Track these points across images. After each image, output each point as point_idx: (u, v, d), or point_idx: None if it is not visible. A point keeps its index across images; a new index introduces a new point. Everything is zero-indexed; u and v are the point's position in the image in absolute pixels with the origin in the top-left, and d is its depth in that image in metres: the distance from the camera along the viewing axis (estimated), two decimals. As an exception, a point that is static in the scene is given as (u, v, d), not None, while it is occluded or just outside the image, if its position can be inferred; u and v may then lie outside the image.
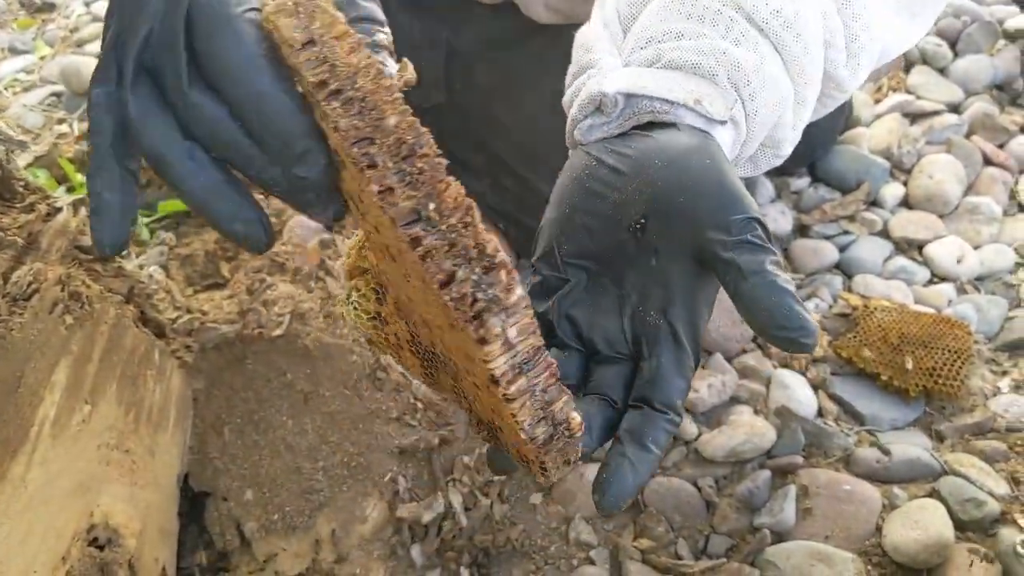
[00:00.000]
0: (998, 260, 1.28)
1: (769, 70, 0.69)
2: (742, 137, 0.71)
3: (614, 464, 0.55)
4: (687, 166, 0.63)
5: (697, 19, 0.70)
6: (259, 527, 0.93)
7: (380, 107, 0.48)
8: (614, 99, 0.68)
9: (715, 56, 0.67)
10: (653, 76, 0.68)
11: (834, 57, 0.75)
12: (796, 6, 0.70)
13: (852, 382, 1.12)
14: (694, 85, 0.67)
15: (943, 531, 0.92)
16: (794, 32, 0.70)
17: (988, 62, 1.58)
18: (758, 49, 0.69)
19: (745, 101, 0.69)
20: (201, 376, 0.99)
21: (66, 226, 0.85)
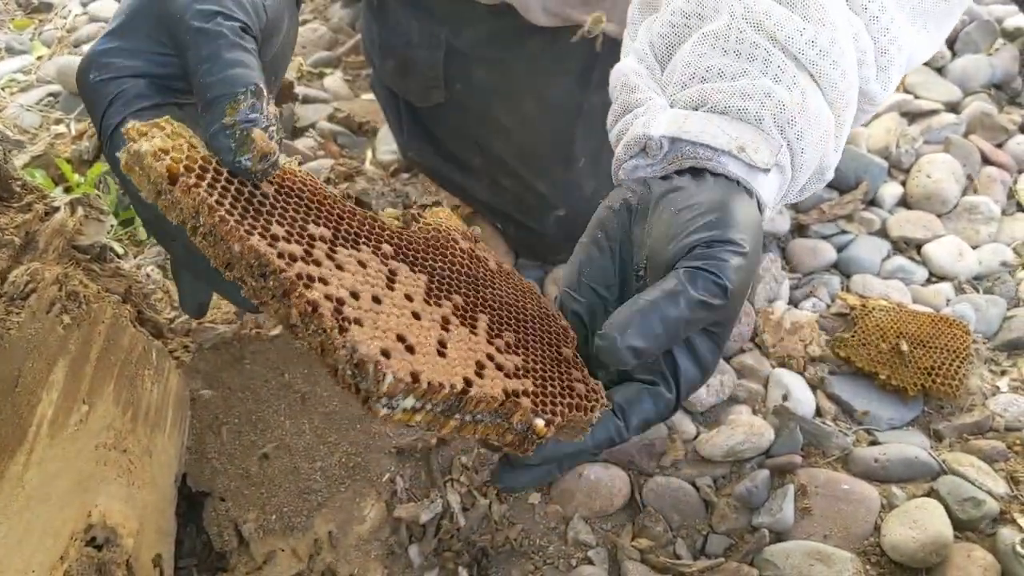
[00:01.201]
0: (996, 259, 1.28)
1: (812, 105, 0.71)
2: (788, 178, 0.72)
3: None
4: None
5: (734, 54, 0.71)
6: (257, 527, 0.93)
7: (224, 238, 0.54)
8: (659, 143, 0.70)
9: (759, 99, 0.69)
10: (698, 121, 0.70)
11: (866, 74, 0.76)
12: (830, 33, 0.71)
13: (850, 381, 1.12)
14: (739, 132, 0.69)
15: (942, 530, 0.92)
16: (830, 59, 0.71)
17: (986, 61, 1.58)
18: (797, 82, 0.70)
19: (792, 142, 0.70)
20: (199, 376, 0.99)
21: (63, 226, 0.85)
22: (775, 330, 1.17)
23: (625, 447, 1.03)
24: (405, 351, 0.53)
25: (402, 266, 0.61)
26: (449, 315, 0.60)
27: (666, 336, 0.60)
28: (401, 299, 0.58)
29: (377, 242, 0.62)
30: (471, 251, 0.68)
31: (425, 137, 1.33)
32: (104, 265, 0.90)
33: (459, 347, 0.58)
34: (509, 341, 0.62)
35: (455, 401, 0.54)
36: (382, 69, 1.32)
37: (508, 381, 0.58)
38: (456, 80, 1.23)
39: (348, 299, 0.54)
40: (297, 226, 0.57)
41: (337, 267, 0.56)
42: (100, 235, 0.89)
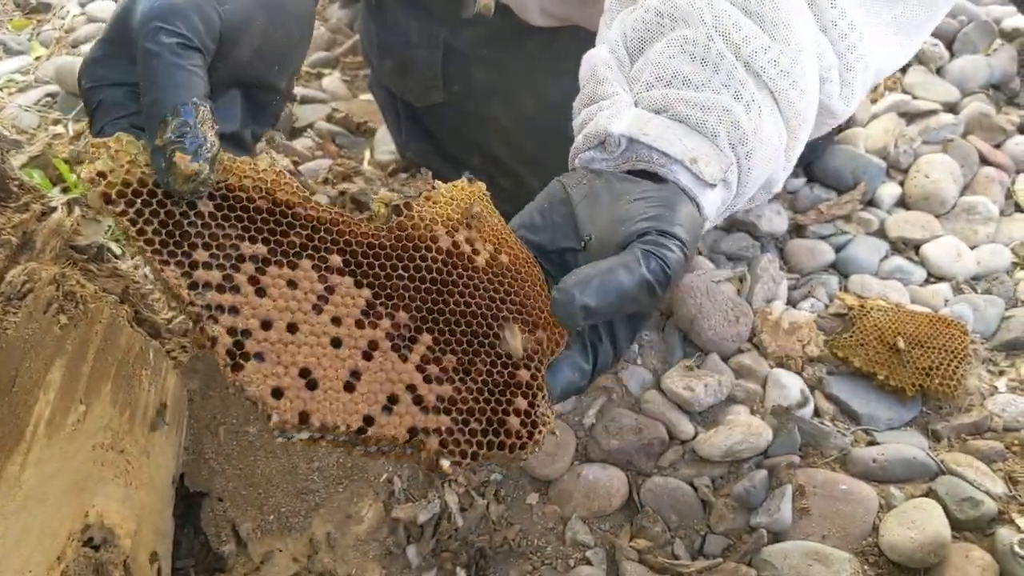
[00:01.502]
0: (995, 260, 1.28)
1: (766, 128, 0.73)
2: (732, 194, 0.75)
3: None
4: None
5: (701, 62, 0.73)
6: (254, 528, 0.93)
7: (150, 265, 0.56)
8: (618, 140, 0.72)
9: (718, 114, 0.71)
10: (658, 126, 0.72)
11: (829, 90, 0.79)
12: (794, 53, 0.73)
13: (848, 382, 1.12)
14: (694, 143, 0.71)
15: (940, 531, 0.92)
16: (791, 80, 0.73)
17: (984, 62, 1.58)
18: (756, 101, 0.72)
19: (741, 160, 0.73)
20: (196, 376, 0.99)
21: (60, 226, 0.85)
22: (773, 330, 1.17)
23: (623, 447, 1.03)
24: (304, 387, 0.54)
25: (345, 280, 0.61)
26: (379, 339, 0.60)
27: (616, 305, 0.61)
28: (324, 324, 0.58)
29: (327, 252, 0.61)
30: (453, 248, 0.65)
31: (423, 137, 1.33)
32: (101, 265, 0.90)
33: (374, 378, 0.58)
34: (447, 366, 0.61)
35: (353, 438, 0.56)
36: (380, 69, 1.32)
37: (419, 417, 0.58)
38: (454, 80, 1.23)
39: (256, 330, 0.55)
40: (227, 247, 0.57)
41: (257, 292, 0.56)
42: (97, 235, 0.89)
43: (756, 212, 1.30)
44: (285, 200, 0.61)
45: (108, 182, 0.56)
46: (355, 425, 0.55)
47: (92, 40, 1.79)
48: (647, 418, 1.06)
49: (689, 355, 1.16)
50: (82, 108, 1.58)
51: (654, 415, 1.07)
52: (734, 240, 1.30)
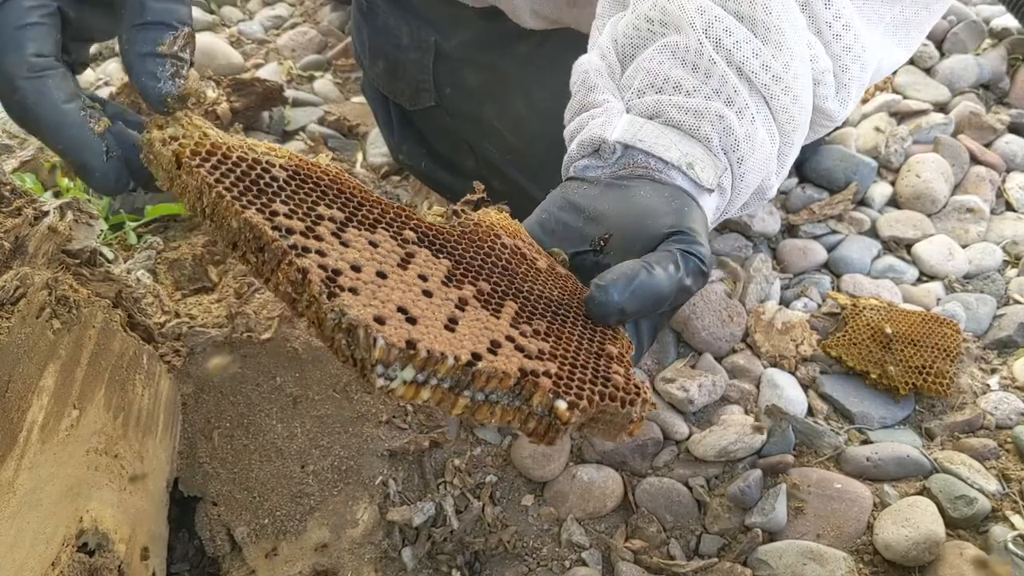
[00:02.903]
0: (986, 258, 1.29)
1: (758, 134, 0.73)
2: (726, 200, 0.75)
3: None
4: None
5: (692, 68, 0.73)
6: (249, 532, 0.93)
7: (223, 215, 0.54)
8: (613, 147, 0.72)
9: (711, 120, 0.71)
10: (652, 131, 0.72)
11: (824, 92, 0.79)
12: (785, 58, 0.73)
13: (842, 381, 1.12)
14: (689, 148, 0.71)
15: (934, 529, 0.93)
16: (783, 85, 0.73)
17: (974, 61, 1.59)
18: (748, 107, 0.72)
19: (733, 165, 0.73)
20: (190, 380, 0.99)
21: (53, 230, 0.85)
22: (767, 330, 1.17)
23: (619, 448, 1.03)
24: (405, 321, 0.50)
25: (422, 250, 0.58)
26: (468, 297, 0.56)
27: (650, 307, 0.60)
28: (412, 277, 0.55)
29: (399, 228, 0.59)
30: (516, 248, 0.64)
31: (416, 139, 1.33)
32: (94, 269, 0.90)
33: (472, 325, 0.54)
34: (538, 328, 0.58)
35: (462, 375, 0.51)
36: (372, 72, 1.32)
37: (527, 361, 0.54)
38: (446, 83, 1.23)
39: (346, 271, 0.51)
40: (305, 206, 0.56)
41: (342, 243, 0.54)
42: (90, 239, 0.89)
43: (749, 212, 1.31)
44: (352, 186, 0.60)
45: (181, 143, 0.56)
46: (464, 357, 0.50)
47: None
48: (641, 419, 1.06)
49: (683, 355, 1.16)
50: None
51: (648, 416, 1.07)
52: (727, 240, 1.30)
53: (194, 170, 0.54)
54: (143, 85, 0.61)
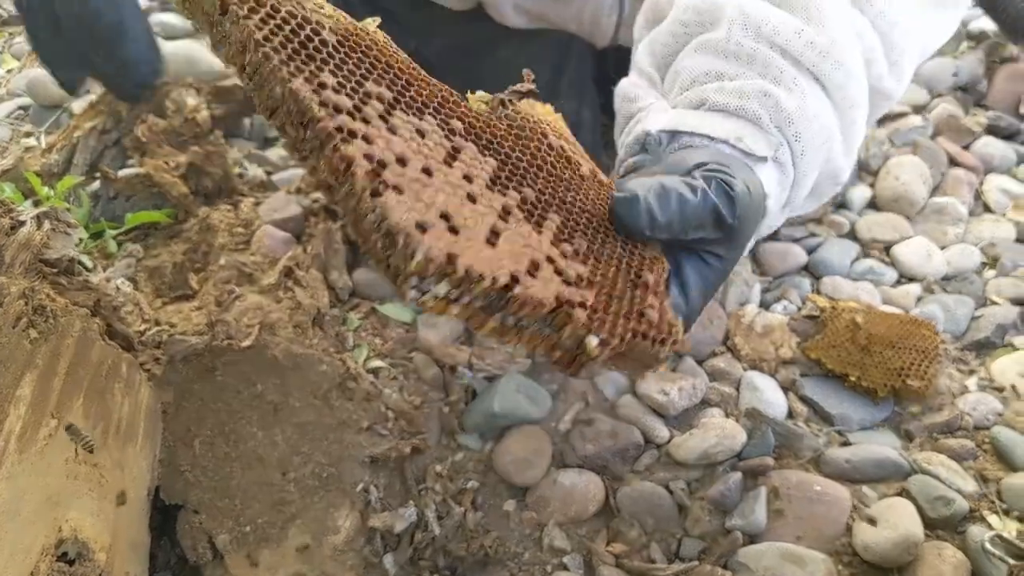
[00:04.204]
0: (964, 260, 1.29)
1: (812, 107, 0.71)
2: (790, 178, 0.72)
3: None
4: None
5: (734, 58, 0.71)
6: (231, 539, 0.93)
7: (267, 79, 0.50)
8: (658, 138, 0.70)
9: (758, 98, 0.69)
10: (696, 116, 0.70)
11: (878, 71, 0.77)
12: (831, 34, 0.71)
13: (821, 383, 1.13)
14: (737, 125, 0.69)
15: (913, 529, 0.93)
16: (832, 60, 0.71)
17: (952, 64, 1.60)
18: (798, 84, 0.70)
19: (791, 142, 0.70)
20: (170, 388, 0.99)
21: (30, 239, 0.84)
22: (746, 333, 1.17)
23: (599, 452, 1.03)
24: (447, 230, 0.48)
25: (470, 145, 0.55)
26: (512, 206, 0.54)
27: (678, 220, 0.58)
28: (458, 177, 0.52)
29: (447, 117, 0.56)
30: (561, 150, 0.61)
31: None
32: (72, 278, 0.90)
33: (514, 241, 0.52)
34: (579, 248, 0.56)
35: (496, 298, 0.49)
36: None
37: (564, 288, 0.52)
38: None
39: (392, 164, 0.49)
40: (353, 80, 0.52)
41: (389, 130, 0.51)
42: (68, 248, 0.89)
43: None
44: (401, 62, 0.57)
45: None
46: (502, 280, 0.48)
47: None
48: (622, 423, 1.07)
49: (664, 359, 1.16)
50: (54, 121, 1.58)
51: (629, 419, 1.07)
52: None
53: (241, 21, 0.50)
54: None
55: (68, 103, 1.62)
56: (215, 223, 1.26)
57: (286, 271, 1.17)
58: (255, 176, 1.44)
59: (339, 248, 1.25)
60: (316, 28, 0.53)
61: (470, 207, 0.51)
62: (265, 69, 0.50)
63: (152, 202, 1.32)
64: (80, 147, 1.38)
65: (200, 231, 1.25)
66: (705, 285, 0.64)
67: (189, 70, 1.66)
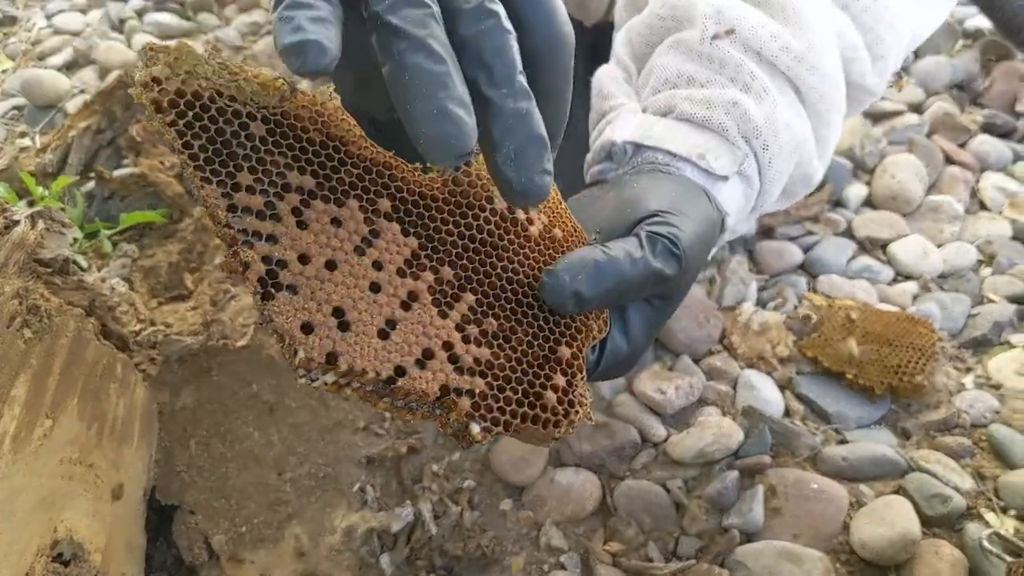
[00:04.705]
0: (961, 258, 1.29)
1: (781, 116, 0.71)
2: (756, 189, 0.72)
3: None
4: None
5: (707, 59, 0.71)
6: (227, 540, 0.93)
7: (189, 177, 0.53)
8: (623, 148, 0.71)
9: (724, 108, 0.69)
10: (663, 127, 0.70)
11: (860, 69, 0.76)
12: (808, 37, 0.71)
13: (818, 381, 1.12)
14: (702, 139, 0.69)
15: (910, 527, 0.93)
16: (807, 64, 0.71)
17: (948, 62, 1.60)
18: (768, 92, 0.70)
19: (758, 152, 0.71)
20: (166, 389, 0.98)
21: (24, 239, 0.84)
22: (743, 332, 1.17)
23: (596, 451, 1.03)
24: (336, 327, 0.52)
25: (392, 227, 0.57)
26: (421, 291, 0.56)
27: (615, 293, 0.58)
28: (365, 267, 0.55)
29: (376, 195, 0.57)
30: (508, 212, 0.62)
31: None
32: (67, 278, 0.89)
33: (410, 330, 0.55)
34: (488, 329, 0.58)
35: (382, 387, 0.53)
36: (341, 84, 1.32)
37: (452, 377, 0.55)
38: None
39: (292, 262, 0.52)
40: (274, 174, 0.54)
41: (299, 224, 0.54)
42: (62, 248, 0.89)
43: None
44: (339, 136, 0.58)
45: (162, 89, 0.52)
46: (385, 374, 0.52)
47: (59, 52, 1.79)
48: (619, 421, 1.06)
49: (659, 357, 1.16)
50: (49, 121, 1.58)
51: (626, 418, 1.07)
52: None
53: (166, 127, 0.53)
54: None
55: (63, 103, 1.62)
56: (210, 223, 1.26)
57: (282, 271, 1.17)
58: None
59: (335, 247, 1.25)
60: (245, 122, 0.54)
61: (370, 299, 0.54)
62: (186, 171, 0.53)
63: (147, 202, 1.31)
64: (75, 147, 1.38)
65: (195, 231, 1.25)
66: (649, 325, 0.65)
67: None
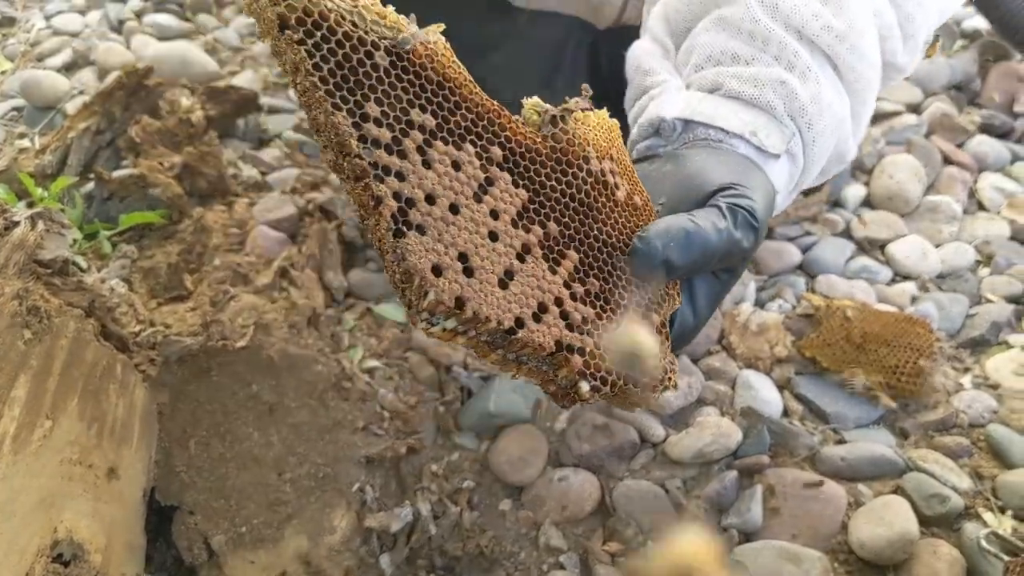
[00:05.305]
0: (959, 258, 1.30)
1: (826, 95, 0.71)
2: (800, 166, 0.73)
3: None
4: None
5: (748, 37, 0.71)
6: (227, 540, 0.93)
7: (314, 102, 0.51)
8: (672, 124, 0.70)
9: (772, 87, 0.69)
10: (711, 104, 0.70)
11: (892, 47, 0.77)
12: (848, 16, 0.71)
13: (816, 381, 1.13)
14: (751, 117, 0.69)
15: (908, 527, 0.93)
16: (848, 44, 0.71)
17: (946, 63, 1.60)
18: (811, 70, 0.70)
19: (803, 131, 0.71)
20: (165, 389, 0.98)
21: (24, 240, 0.84)
22: (742, 332, 1.17)
23: (595, 451, 1.03)
24: (462, 272, 0.51)
25: (504, 176, 0.57)
26: (532, 243, 0.56)
27: (700, 263, 0.59)
28: (483, 214, 0.55)
29: (489, 143, 0.57)
30: (600, 174, 0.62)
31: None
32: (66, 279, 0.89)
33: (526, 282, 0.55)
34: (591, 289, 0.58)
35: (500, 337, 0.53)
36: None
37: (566, 333, 0.55)
38: None
39: (420, 201, 0.51)
40: (398, 108, 0.53)
41: (424, 163, 0.53)
42: (62, 249, 0.89)
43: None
44: (453, 79, 0.57)
45: (289, 4, 0.51)
46: (507, 324, 0.52)
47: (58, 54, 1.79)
48: (618, 422, 1.07)
49: (659, 358, 1.16)
50: (48, 122, 1.58)
51: (625, 418, 1.07)
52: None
53: (295, 45, 0.51)
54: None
55: (62, 104, 1.62)
56: (209, 224, 1.26)
57: (281, 271, 1.17)
58: (249, 176, 1.43)
59: (334, 248, 1.25)
60: (370, 51, 0.53)
61: (489, 247, 0.54)
62: (313, 96, 0.51)
63: (146, 203, 1.31)
64: (74, 148, 1.38)
65: (195, 232, 1.25)
66: (714, 297, 0.65)
67: (183, 71, 1.65)
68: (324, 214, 1.31)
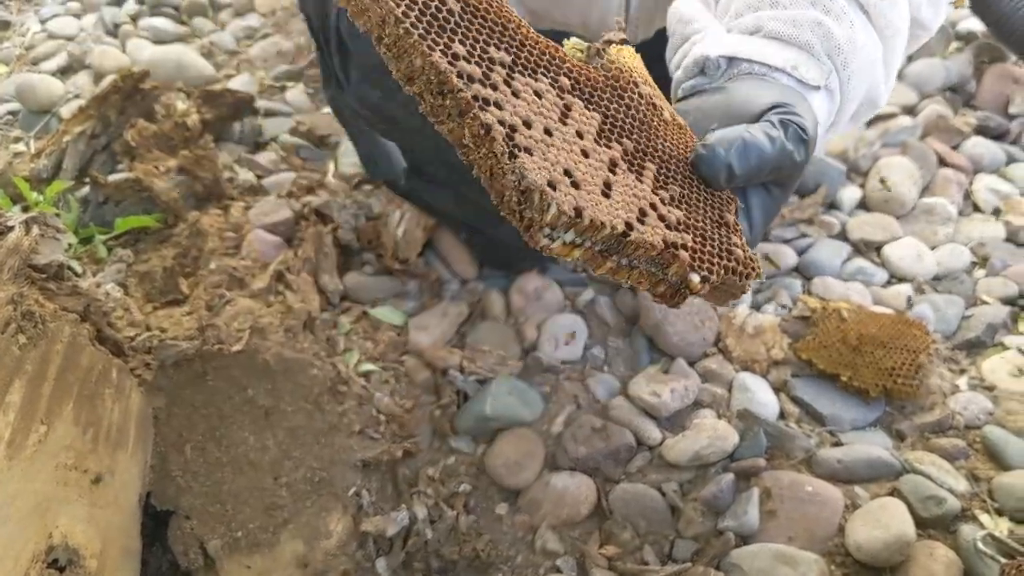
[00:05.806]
0: (954, 260, 1.30)
1: (859, 37, 0.75)
2: (837, 104, 0.77)
3: None
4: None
5: None
6: (223, 545, 0.92)
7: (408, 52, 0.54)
8: (716, 62, 0.75)
9: (811, 28, 0.74)
10: (754, 43, 0.75)
11: (917, 2, 0.81)
12: None
13: (813, 384, 1.13)
14: (792, 54, 0.74)
15: (904, 529, 0.93)
16: None
17: (941, 65, 1.60)
18: (846, 14, 0.75)
19: (839, 69, 0.75)
20: (161, 394, 0.98)
21: (18, 245, 0.84)
22: (738, 334, 1.17)
23: (591, 454, 1.03)
24: (571, 186, 0.54)
25: (577, 102, 0.60)
26: (617, 158, 0.60)
27: (756, 170, 0.62)
28: (572, 135, 0.58)
29: (556, 74, 0.61)
30: (649, 97, 0.66)
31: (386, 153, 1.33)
32: (61, 284, 0.89)
33: (623, 191, 0.58)
34: (673, 194, 0.62)
35: (615, 243, 0.55)
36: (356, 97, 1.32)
37: (668, 232, 0.58)
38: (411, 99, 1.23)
39: (520, 127, 0.54)
40: (479, 47, 0.56)
41: (513, 94, 0.56)
42: (57, 253, 0.88)
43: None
44: (514, 19, 0.60)
45: None
46: (620, 227, 0.55)
47: (53, 57, 1.78)
48: (614, 424, 1.07)
49: (655, 361, 1.16)
50: (43, 126, 1.58)
51: (621, 421, 1.07)
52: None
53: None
54: None
55: (57, 108, 1.62)
56: (205, 227, 1.26)
57: (276, 275, 1.17)
58: (245, 180, 1.43)
59: (330, 252, 1.25)
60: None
61: (585, 162, 0.57)
62: (406, 43, 0.54)
63: (142, 207, 1.31)
64: (69, 152, 1.38)
65: (190, 236, 1.25)
66: (767, 213, 0.69)
67: (179, 75, 1.65)
68: (320, 218, 1.31)
